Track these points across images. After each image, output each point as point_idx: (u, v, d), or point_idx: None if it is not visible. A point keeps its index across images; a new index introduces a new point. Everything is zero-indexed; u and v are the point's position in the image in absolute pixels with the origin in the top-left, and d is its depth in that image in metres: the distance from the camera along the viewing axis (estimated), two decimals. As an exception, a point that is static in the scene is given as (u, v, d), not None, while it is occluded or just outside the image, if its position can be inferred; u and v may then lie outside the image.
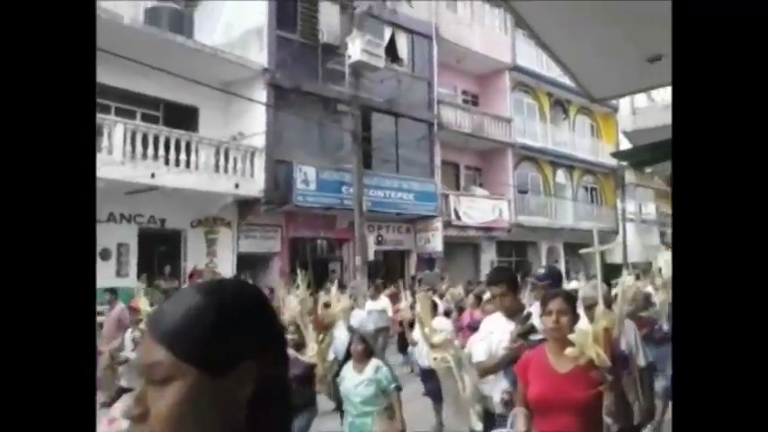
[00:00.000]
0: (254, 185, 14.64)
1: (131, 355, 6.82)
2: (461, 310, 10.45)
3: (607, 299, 3.55)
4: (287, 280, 10.62)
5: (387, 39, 18.25)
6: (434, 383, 5.95)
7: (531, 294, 5.72)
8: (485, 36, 22.04)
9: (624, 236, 26.69)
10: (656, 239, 32.11)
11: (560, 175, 26.30)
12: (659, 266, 10.88)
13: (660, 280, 8.88)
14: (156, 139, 12.84)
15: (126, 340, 7.27)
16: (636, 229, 30.09)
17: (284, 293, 7.16)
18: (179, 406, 0.85)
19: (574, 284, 13.14)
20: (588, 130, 28.76)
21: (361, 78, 16.15)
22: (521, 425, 3.03)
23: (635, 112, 9.39)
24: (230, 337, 0.89)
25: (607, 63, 3.61)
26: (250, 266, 15.00)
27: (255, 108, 14.90)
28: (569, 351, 2.90)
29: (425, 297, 5.46)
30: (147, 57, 11.38)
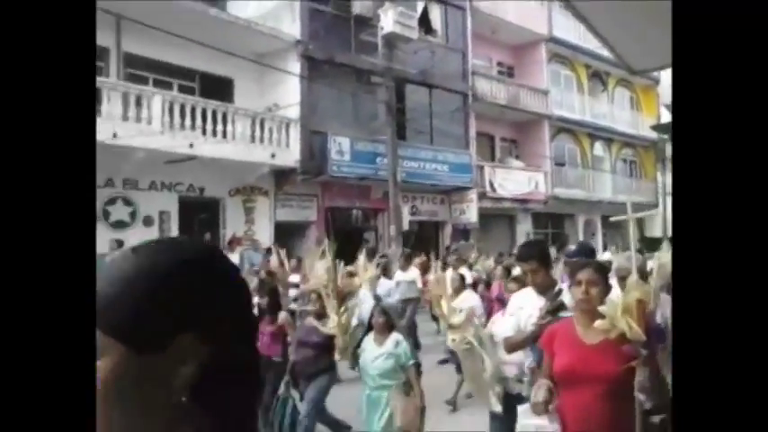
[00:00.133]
0: (290, 156, 14.91)
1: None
2: (488, 284, 10.45)
3: (642, 270, 3.35)
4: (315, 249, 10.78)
5: (420, 10, 18.23)
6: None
7: (565, 269, 5.54)
8: (520, 7, 21.80)
9: (664, 209, 26.23)
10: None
11: (598, 148, 25.99)
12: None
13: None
14: (194, 110, 13.16)
15: None
16: (677, 202, 29.48)
17: (311, 262, 7.10)
18: (104, 386, 0.74)
19: (607, 256, 13.05)
20: (627, 102, 28.27)
21: (395, 50, 16.20)
22: (541, 395, 2.90)
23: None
24: (161, 307, 0.76)
25: (648, 33, 3.36)
26: (288, 235, 15.30)
27: (290, 79, 15.15)
28: (599, 323, 2.77)
29: (443, 277, 5.30)
30: (183, 29, 11.71)
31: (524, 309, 3.80)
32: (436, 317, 10.24)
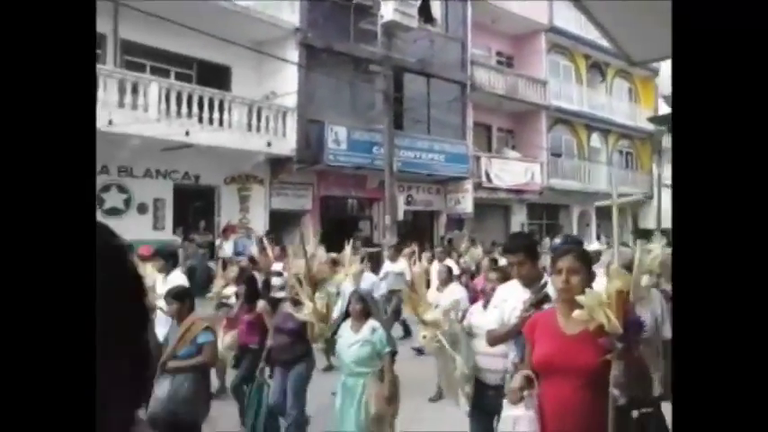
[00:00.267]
0: (286, 144, 14.88)
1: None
2: (473, 276, 10.47)
3: (626, 261, 3.28)
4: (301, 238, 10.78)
5: (420, -1, 18.13)
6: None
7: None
8: (520, -4, 21.71)
9: (659, 201, 26.32)
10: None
11: (595, 139, 25.98)
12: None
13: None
14: (190, 98, 13.12)
15: None
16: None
17: (295, 250, 7.27)
18: None
19: (595, 245, 13.07)
20: (626, 93, 28.20)
21: (394, 39, 16.10)
22: (516, 382, 2.87)
23: (676, 75, 9.20)
24: None
25: (647, 24, 3.31)
26: (282, 223, 15.34)
27: (287, 68, 15.09)
28: (577, 314, 2.67)
29: (421, 274, 5.31)
30: (181, 16, 11.61)
31: (508, 301, 3.77)
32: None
